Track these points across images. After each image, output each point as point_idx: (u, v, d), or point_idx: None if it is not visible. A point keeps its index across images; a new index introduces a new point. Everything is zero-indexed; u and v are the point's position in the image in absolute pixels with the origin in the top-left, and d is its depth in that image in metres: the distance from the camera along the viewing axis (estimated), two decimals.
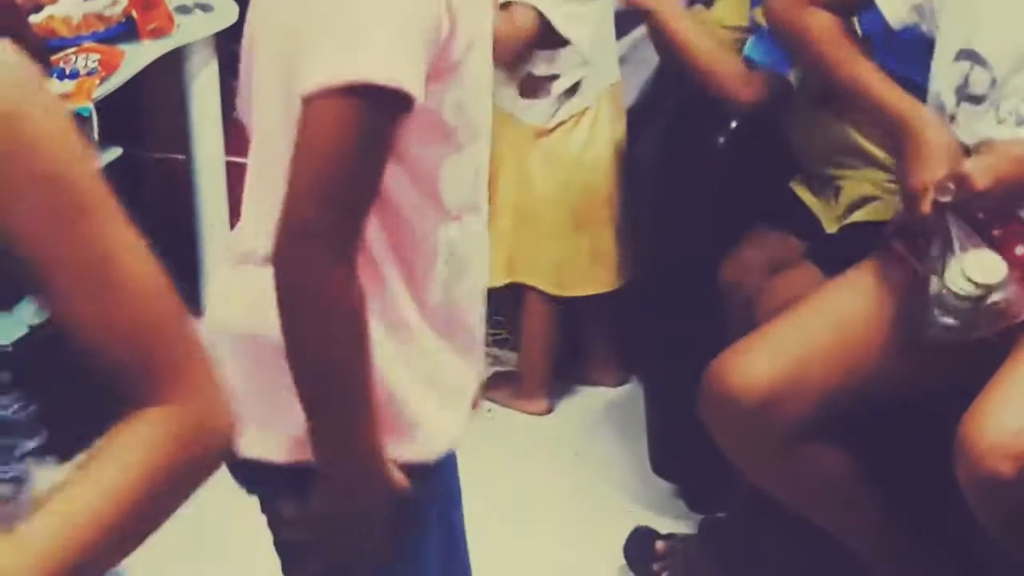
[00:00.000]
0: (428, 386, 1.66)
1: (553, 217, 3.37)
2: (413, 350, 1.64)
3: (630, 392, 3.52)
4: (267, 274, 1.52)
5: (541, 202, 3.36)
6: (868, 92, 2.41)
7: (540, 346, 3.52)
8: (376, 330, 1.57)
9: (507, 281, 3.40)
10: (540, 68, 3.28)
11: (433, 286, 1.63)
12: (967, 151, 2.33)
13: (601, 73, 3.34)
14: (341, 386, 1.55)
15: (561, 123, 3.33)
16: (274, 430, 1.62)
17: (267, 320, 1.54)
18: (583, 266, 3.42)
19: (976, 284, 2.27)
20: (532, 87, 3.30)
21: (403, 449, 1.64)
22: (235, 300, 1.67)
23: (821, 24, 2.46)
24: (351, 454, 1.58)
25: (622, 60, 3.48)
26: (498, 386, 3.59)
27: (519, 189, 3.36)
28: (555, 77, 3.28)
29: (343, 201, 1.49)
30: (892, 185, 2.65)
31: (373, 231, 1.56)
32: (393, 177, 1.54)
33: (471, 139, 1.62)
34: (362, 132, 1.47)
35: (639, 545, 2.90)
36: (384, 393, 1.60)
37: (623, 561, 2.93)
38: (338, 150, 1.47)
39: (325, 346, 1.52)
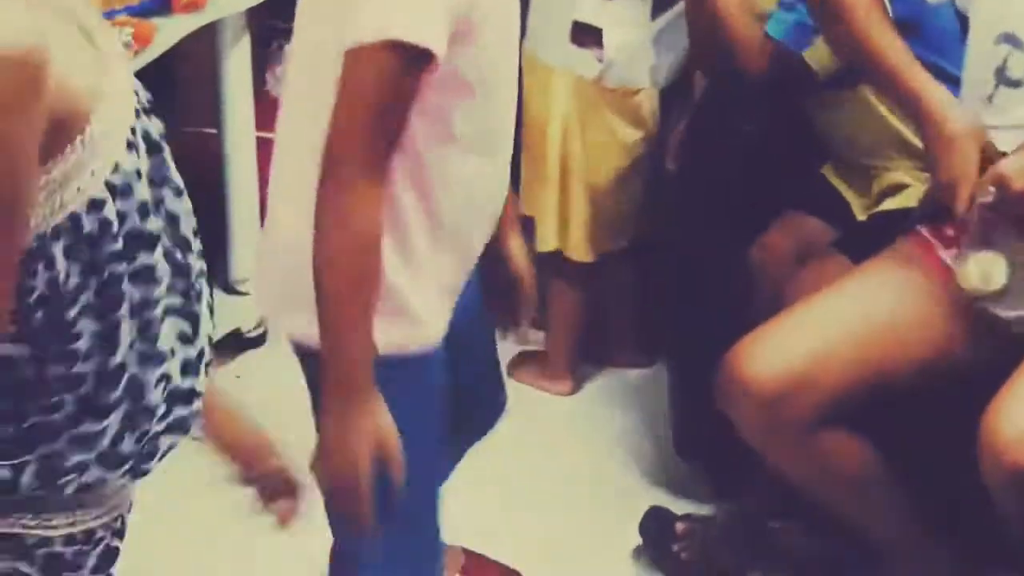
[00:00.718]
0: (425, 285, 1.96)
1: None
2: (418, 256, 1.94)
3: (655, 374, 3.52)
4: None
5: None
6: (893, 70, 2.39)
7: (567, 326, 3.53)
8: (387, 240, 1.88)
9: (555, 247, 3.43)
10: (585, 13, 3.26)
11: (446, 210, 1.94)
12: (993, 140, 2.33)
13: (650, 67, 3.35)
14: (351, 288, 1.84)
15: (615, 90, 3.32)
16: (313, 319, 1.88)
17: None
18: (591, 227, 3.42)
19: (976, 288, 2.30)
20: (581, 37, 3.28)
21: (396, 333, 1.92)
22: (293, 219, 1.94)
23: None
24: (349, 345, 1.85)
25: (655, 40, 3.47)
26: (524, 365, 3.60)
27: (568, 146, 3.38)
28: (599, 30, 3.26)
29: (376, 135, 1.80)
30: (923, 173, 2.63)
31: (395, 160, 1.86)
32: (416, 118, 1.85)
33: (485, 92, 1.91)
34: (394, 80, 1.79)
35: (655, 525, 2.90)
36: (386, 289, 1.89)
37: (641, 552, 2.94)
38: (374, 94, 1.79)
39: (345, 250, 1.82)
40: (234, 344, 3.56)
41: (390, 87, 1.79)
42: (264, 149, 3.29)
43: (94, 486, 1.51)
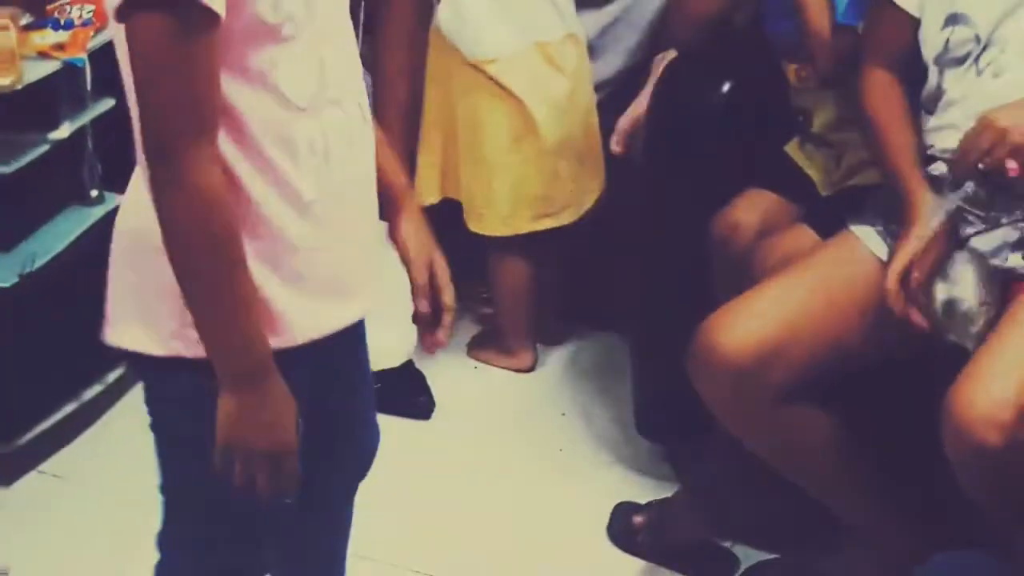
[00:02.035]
0: (295, 280, 1.76)
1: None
2: (280, 248, 1.74)
3: (617, 351, 3.53)
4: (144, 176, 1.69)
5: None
6: (894, 162, 2.50)
7: (513, 299, 3.51)
8: (244, 236, 1.68)
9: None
10: None
11: (303, 181, 1.74)
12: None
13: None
14: (212, 287, 1.67)
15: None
16: (150, 325, 1.77)
17: (148, 217, 1.68)
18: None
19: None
20: None
21: (270, 337, 1.73)
22: (128, 200, 1.81)
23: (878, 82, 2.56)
24: (233, 346, 1.70)
25: (615, 22, 3.47)
26: (481, 344, 3.60)
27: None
28: None
29: (191, 116, 1.61)
30: None
31: (223, 144, 1.67)
32: (227, 83, 1.65)
33: (299, 32, 1.69)
34: (172, 48, 1.58)
35: (620, 521, 2.92)
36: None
37: (605, 523, 2.95)
38: (157, 70, 1.60)
39: (195, 250, 1.65)
40: None
41: (173, 56, 1.59)
42: None
43: None
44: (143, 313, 1.79)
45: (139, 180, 1.75)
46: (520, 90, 3.28)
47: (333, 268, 1.81)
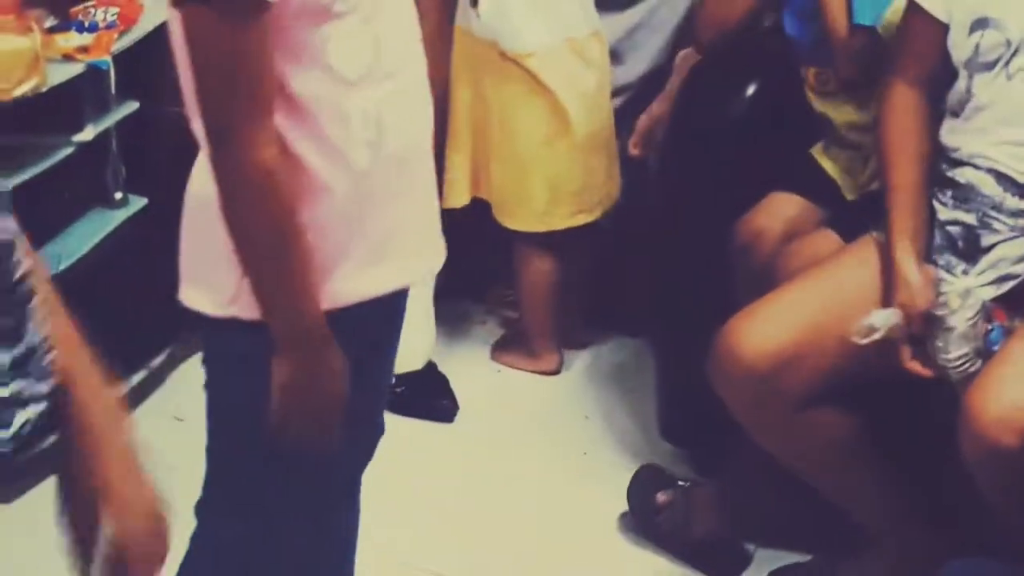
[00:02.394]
0: (346, 246, 1.82)
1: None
2: (332, 215, 1.80)
3: (640, 355, 3.53)
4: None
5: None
6: (895, 196, 2.50)
7: (539, 298, 3.50)
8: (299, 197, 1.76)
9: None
10: None
11: (356, 151, 1.80)
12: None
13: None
14: (269, 259, 1.76)
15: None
16: (211, 286, 1.85)
17: (210, 182, 1.76)
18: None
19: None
20: None
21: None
22: (197, 163, 1.87)
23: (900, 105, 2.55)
24: (288, 308, 1.78)
25: (637, 26, 3.47)
26: (506, 347, 3.60)
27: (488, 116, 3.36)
28: None
29: (246, 99, 1.68)
30: None
31: (278, 118, 1.73)
32: (281, 60, 1.71)
33: (352, 8, 1.74)
34: (226, 33, 1.65)
35: (643, 491, 2.91)
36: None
37: (627, 526, 2.94)
38: (212, 54, 1.67)
39: (252, 225, 1.74)
40: None
41: (228, 41, 1.66)
42: None
43: None
44: (204, 275, 1.86)
45: (201, 147, 1.81)
46: (555, 84, 3.28)
47: (384, 235, 1.86)
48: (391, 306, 1.96)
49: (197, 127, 1.80)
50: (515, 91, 3.30)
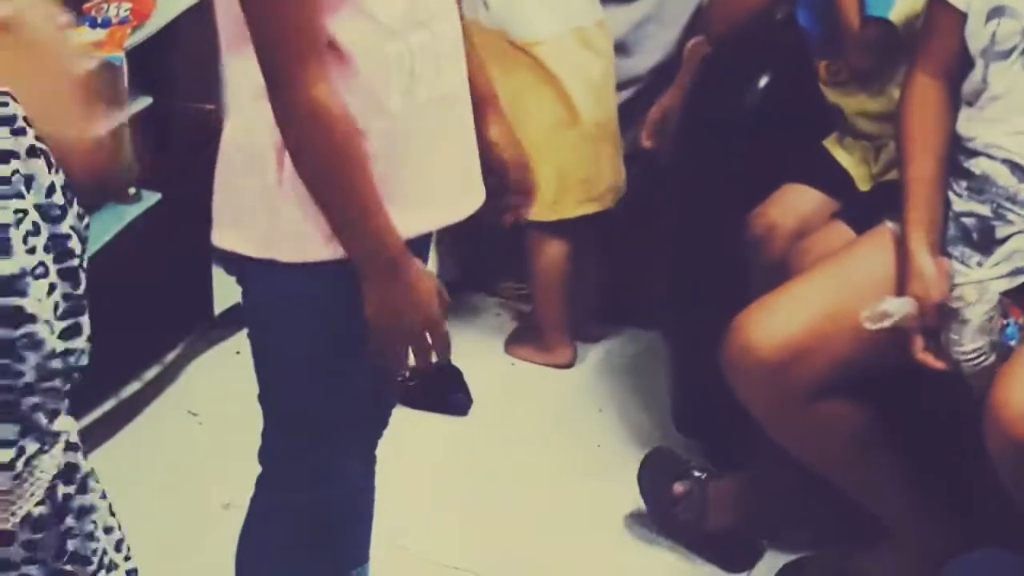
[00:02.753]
0: (384, 184, 1.88)
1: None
2: (372, 155, 1.87)
3: (654, 348, 3.53)
4: (248, 103, 1.88)
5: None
6: (908, 191, 2.49)
7: (552, 289, 3.50)
8: None
9: None
10: None
11: (392, 95, 1.87)
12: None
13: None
14: (343, 192, 1.85)
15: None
16: (247, 228, 1.92)
17: (250, 133, 1.89)
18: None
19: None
20: None
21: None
22: (228, 117, 1.98)
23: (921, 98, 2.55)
24: (371, 241, 1.86)
25: (646, 19, 3.47)
26: (520, 342, 3.60)
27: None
28: None
29: (296, 45, 1.78)
30: None
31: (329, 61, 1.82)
32: (324, 8, 1.80)
33: None
34: None
35: (658, 482, 2.91)
36: None
37: (640, 518, 2.94)
38: (266, 4, 1.78)
39: (321, 161, 1.84)
40: (234, 319, 3.56)
41: None
42: None
43: None
44: (240, 218, 1.93)
45: (240, 100, 1.91)
46: (563, 73, 3.29)
47: (415, 178, 1.93)
48: (417, 253, 2.00)
49: (235, 70, 1.92)
50: (523, 80, 3.30)
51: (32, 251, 1.45)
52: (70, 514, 1.58)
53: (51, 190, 1.46)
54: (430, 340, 1.94)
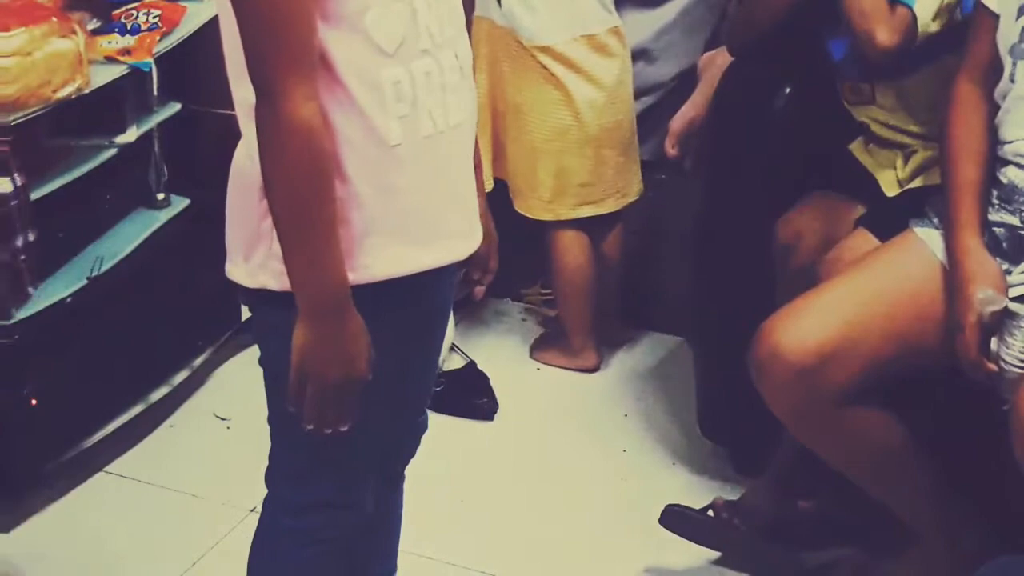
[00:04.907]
0: (376, 219, 1.85)
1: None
2: (364, 188, 1.84)
3: (679, 353, 3.53)
4: (249, 125, 1.82)
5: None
6: (955, 198, 2.47)
7: (574, 295, 3.51)
8: (353, 172, 1.82)
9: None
10: None
11: (389, 125, 1.83)
12: None
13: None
14: (301, 216, 1.79)
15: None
16: (246, 258, 1.90)
17: (251, 160, 1.83)
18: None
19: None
20: None
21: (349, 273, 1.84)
22: (241, 141, 1.92)
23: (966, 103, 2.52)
24: (315, 277, 1.80)
25: (671, 26, 3.48)
26: (545, 347, 3.61)
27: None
28: None
29: (285, 57, 1.74)
30: None
31: (325, 93, 1.79)
32: (320, 26, 1.77)
33: None
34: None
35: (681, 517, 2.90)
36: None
37: (667, 524, 2.94)
38: (256, 14, 1.74)
39: (289, 180, 1.77)
40: None
41: (271, 3, 1.74)
42: None
43: None
44: (241, 246, 1.91)
45: (244, 121, 1.86)
46: (569, 79, 3.30)
47: (416, 212, 1.89)
48: (430, 290, 1.97)
49: (238, 95, 1.86)
50: (530, 81, 3.32)
51: None
52: None
53: None
54: (344, 400, 1.86)
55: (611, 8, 3.35)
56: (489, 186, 3.42)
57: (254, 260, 1.89)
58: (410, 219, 1.88)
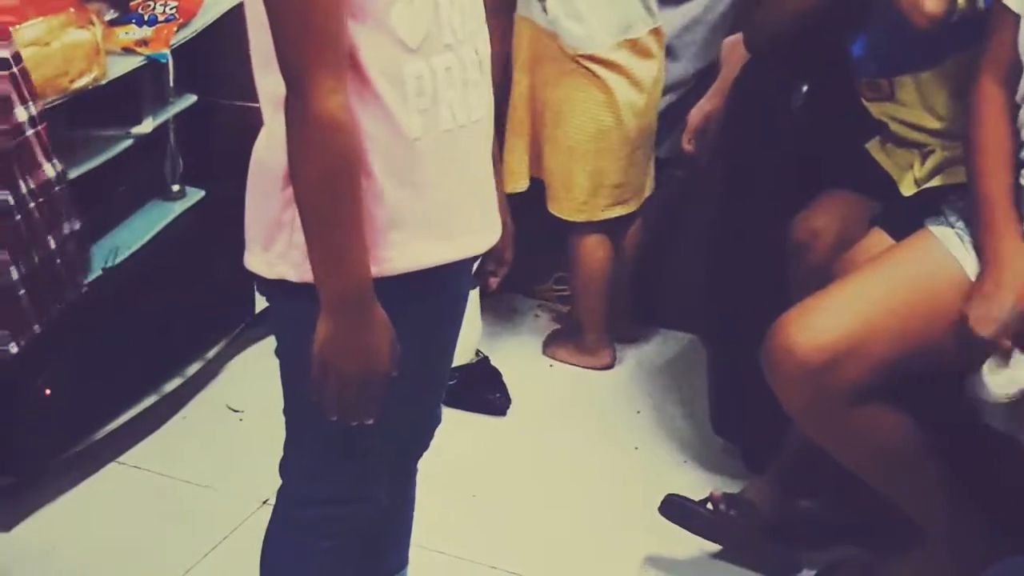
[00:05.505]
0: (398, 213, 1.86)
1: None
2: (385, 181, 1.84)
3: (692, 350, 3.53)
4: (273, 115, 1.84)
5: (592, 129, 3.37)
6: (989, 204, 2.45)
7: (594, 292, 3.51)
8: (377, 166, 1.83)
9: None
10: None
11: (410, 119, 1.84)
12: None
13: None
14: (327, 209, 1.79)
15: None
16: (265, 248, 1.90)
17: (273, 150, 1.84)
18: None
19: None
20: None
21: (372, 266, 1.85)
22: (261, 132, 1.93)
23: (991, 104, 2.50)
24: (338, 269, 1.81)
25: (694, 23, 3.48)
26: (559, 344, 3.61)
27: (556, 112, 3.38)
28: None
29: (316, 48, 1.74)
30: None
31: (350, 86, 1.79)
32: (351, 27, 1.78)
33: None
34: None
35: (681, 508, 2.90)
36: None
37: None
38: (287, 8, 1.75)
39: (316, 172, 1.78)
40: None
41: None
42: None
43: None
44: (260, 237, 1.91)
45: (269, 111, 1.87)
46: (613, 83, 3.30)
47: (437, 206, 1.90)
48: (448, 282, 1.98)
49: (263, 86, 1.87)
50: (571, 84, 3.32)
51: None
52: None
53: None
54: (367, 392, 1.87)
55: (654, 8, 3.35)
56: (524, 185, 3.43)
57: (273, 250, 1.89)
58: (431, 213, 1.89)
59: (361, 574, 2.18)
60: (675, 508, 2.84)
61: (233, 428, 3.27)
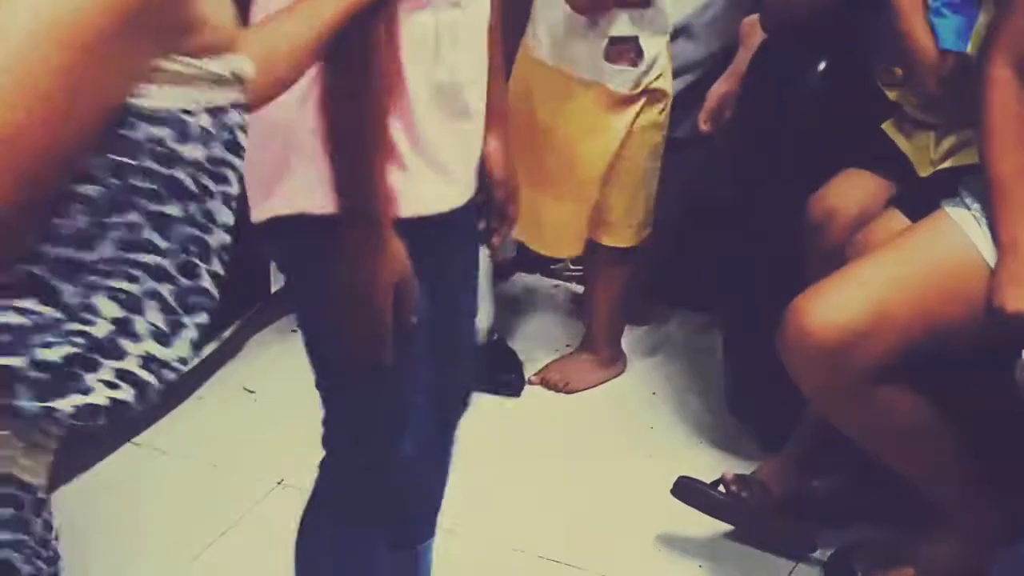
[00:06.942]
0: (398, 160, 1.89)
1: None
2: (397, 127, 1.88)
3: (707, 331, 3.53)
4: None
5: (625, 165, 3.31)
6: (1002, 187, 2.45)
7: (616, 308, 3.45)
8: None
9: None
10: (622, 28, 3.16)
11: (414, 69, 1.87)
12: None
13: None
14: (365, 127, 1.82)
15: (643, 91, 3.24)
16: (253, 198, 1.91)
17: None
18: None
19: None
20: (617, 52, 3.21)
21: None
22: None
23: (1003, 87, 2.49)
24: (371, 193, 1.83)
25: (713, 1, 3.46)
26: (577, 374, 3.47)
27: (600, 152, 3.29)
28: (635, 39, 3.18)
29: None
30: None
31: None
32: None
33: None
34: None
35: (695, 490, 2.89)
36: None
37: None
38: None
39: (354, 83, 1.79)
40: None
41: None
42: None
43: None
44: (252, 186, 1.90)
45: None
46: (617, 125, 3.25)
47: (431, 155, 1.93)
48: (444, 231, 1.99)
49: None
50: (634, 126, 3.26)
51: None
52: None
53: None
54: (404, 293, 1.90)
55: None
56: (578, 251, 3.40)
57: (263, 189, 1.90)
58: (431, 159, 1.93)
59: (393, 540, 2.19)
60: (687, 491, 2.84)
61: (248, 409, 3.28)
